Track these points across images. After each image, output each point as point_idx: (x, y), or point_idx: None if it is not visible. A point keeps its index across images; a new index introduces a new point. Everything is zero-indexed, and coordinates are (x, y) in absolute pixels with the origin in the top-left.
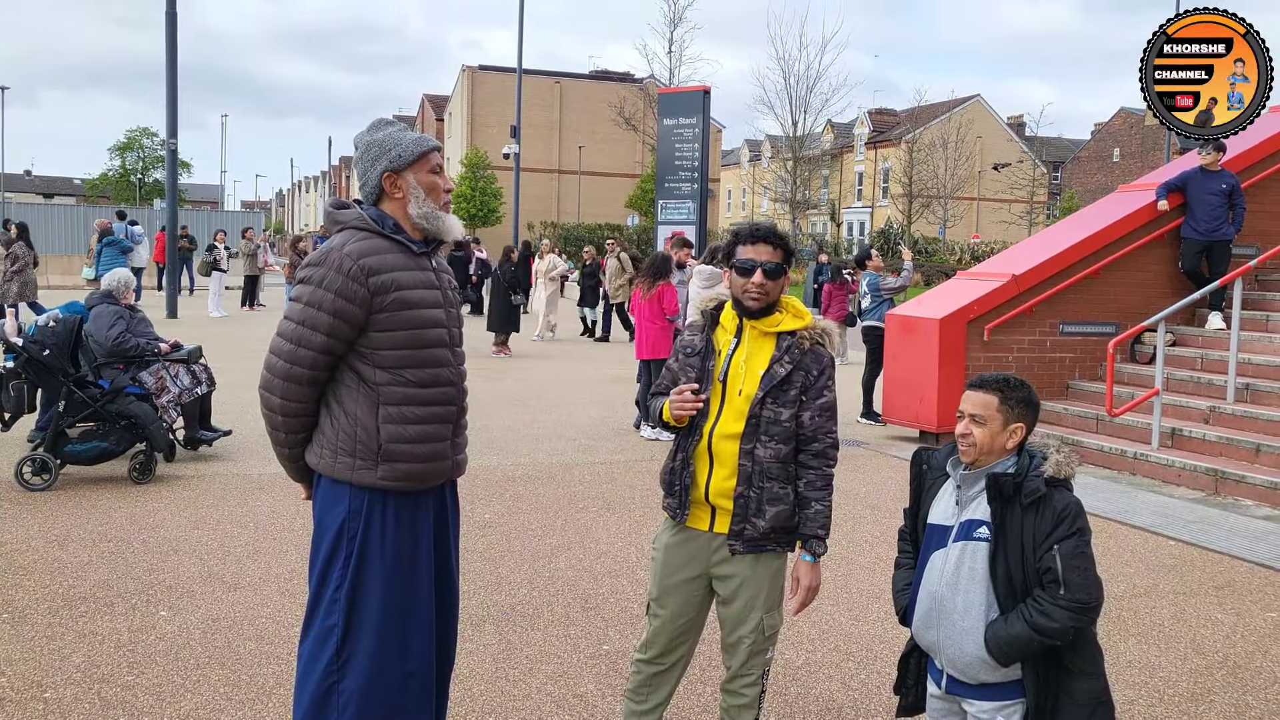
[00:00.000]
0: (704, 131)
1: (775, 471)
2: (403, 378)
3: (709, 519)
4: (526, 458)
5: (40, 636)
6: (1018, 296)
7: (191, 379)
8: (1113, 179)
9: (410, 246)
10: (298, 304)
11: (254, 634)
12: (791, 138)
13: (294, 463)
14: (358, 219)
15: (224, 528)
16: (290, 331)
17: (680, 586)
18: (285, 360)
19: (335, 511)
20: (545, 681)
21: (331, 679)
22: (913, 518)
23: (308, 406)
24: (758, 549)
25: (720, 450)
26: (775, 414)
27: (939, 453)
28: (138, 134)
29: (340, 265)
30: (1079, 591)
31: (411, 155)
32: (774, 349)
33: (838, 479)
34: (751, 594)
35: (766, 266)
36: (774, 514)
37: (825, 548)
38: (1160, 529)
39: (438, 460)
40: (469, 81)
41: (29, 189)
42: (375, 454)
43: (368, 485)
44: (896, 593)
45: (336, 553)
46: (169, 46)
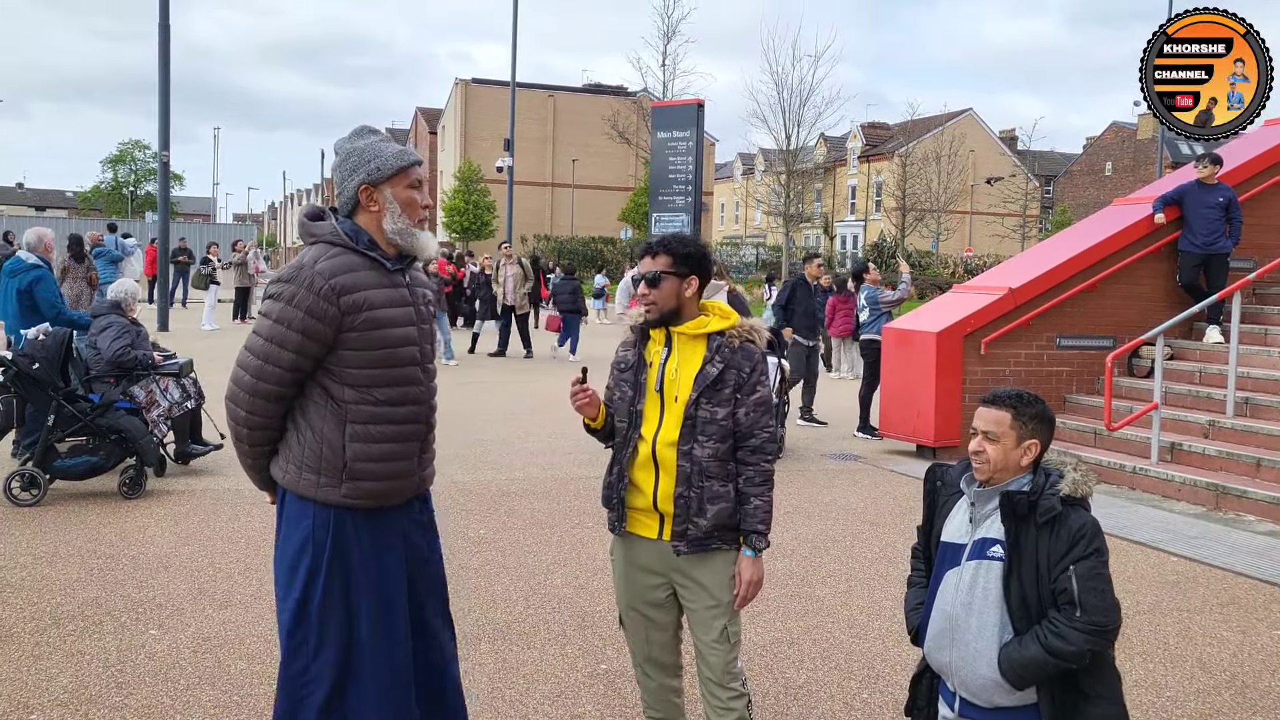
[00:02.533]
0: (698, 145)
1: (714, 470)
2: (371, 396)
3: (658, 526)
4: (521, 472)
5: (27, 656)
6: (1015, 310)
7: (181, 393)
8: (1105, 193)
9: (384, 263)
10: (267, 320)
11: (245, 653)
12: (785, 151)
13: (258, 473)
14: (332, 233)
15: (215, 544)
16: (258, 347)
17: (641, 594)
18: (251, 375)
19: (301, 526)
20: (542, 701)
21: (303, 691)
22: (926, 535)
23: (272, 421)
24: (703, 548)
25: (665, 458)
26: (711, 414)
27: (953, 469)
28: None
29: (311, 283)
30: (1096, 614)
31: (391, 169)
32: (705, 351)
33: (835, 494)
34: (712, 600)
35: (647, 276)
36: (715, 512)
37: (767, 543)
38: (1161, 545)
39: (402, 479)
40: (462, 95)
41: (22, 202)
42: (340, 472)
43: (332, 503)
44: (909, 612)
45: (298, 568)
46: (161, 60)
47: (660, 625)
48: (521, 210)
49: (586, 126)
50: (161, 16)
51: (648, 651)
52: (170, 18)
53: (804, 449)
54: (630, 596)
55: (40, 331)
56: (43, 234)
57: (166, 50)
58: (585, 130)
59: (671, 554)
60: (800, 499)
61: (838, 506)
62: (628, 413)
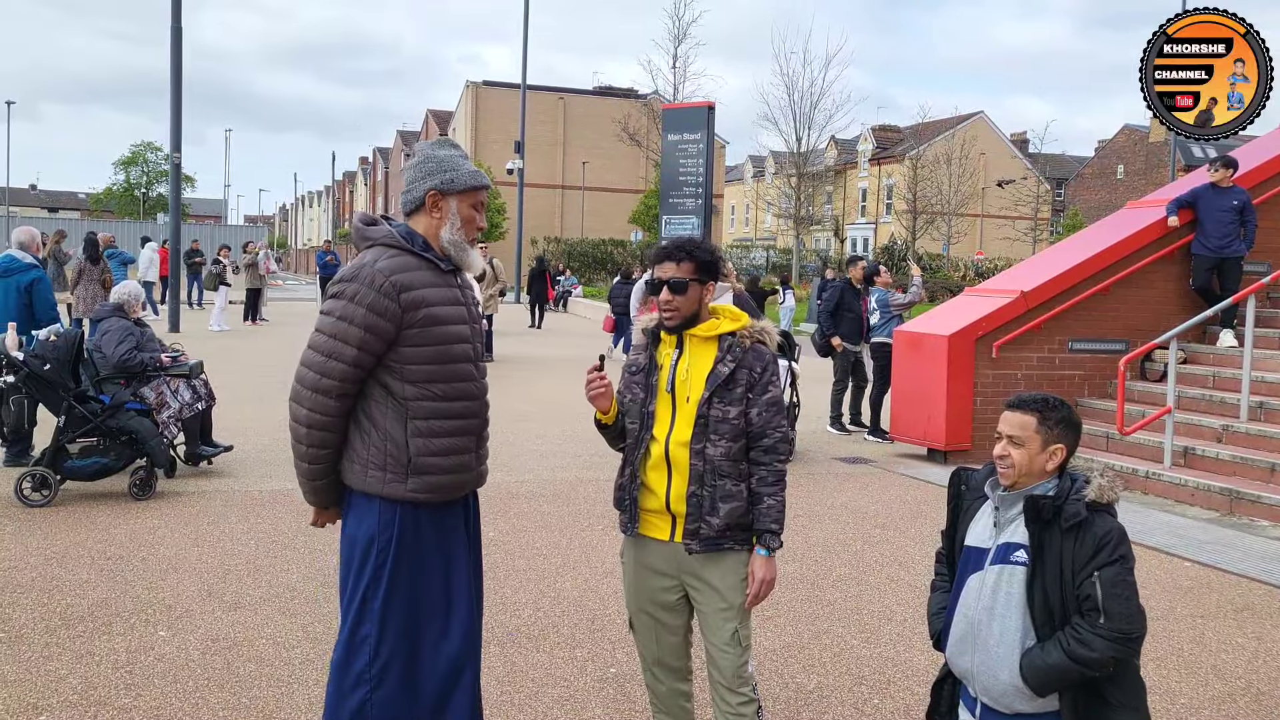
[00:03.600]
0: (708, 147)
1: (727, 469)
2: (430, 392)
3: (670, 528)
4: (531, 474)
5: (37, 656)
6: (1027, 313)
7: (192, 394)
8: (1117, 196)
9: (438, 264)
10: (329, 317)
11: (254, 655)
12: (795, 153)
13: (310, 480)
14: (387, 236)
15: (224, 545)
16: (322, 344)
17: (652, 596)
18: (315, 372)
19: (365, 524)
20: (551, 705)
21: (364, 689)
22: (949, 539)
23: (334, 421)
24: (714, 546)
25: (678, 458)
26: (723, 413)
27: (977, 473)
28: (142, 148)
29: (373, 281)
30: (1120, 621)
31: (463, 185)
32: (716, 351)
33: (846, 497)
34: (724, 603)
35: (670, 282)
36: (727, 511)
37: (780, 542)
38: (1175, 550)
39: (464, 472)
40: (473, 97)
41: (34, 203)
42: (405, 467)
43: (398, 498)
44: (931, 616)
45: (366, 564)
46: (174, 62)
47: (670, 628)
48: (531, 212)
49: (597, 129)
50: (174, 19)
51: (657, 654)
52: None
53: (814, 452)
54: (640, 599)
55: (51, 332)
56: (33, 233)
57: (179, 52)
58: (595, 133)
59: (683, 555)
60: (811, 502)
61: (848, 510)
62: (639, 414)
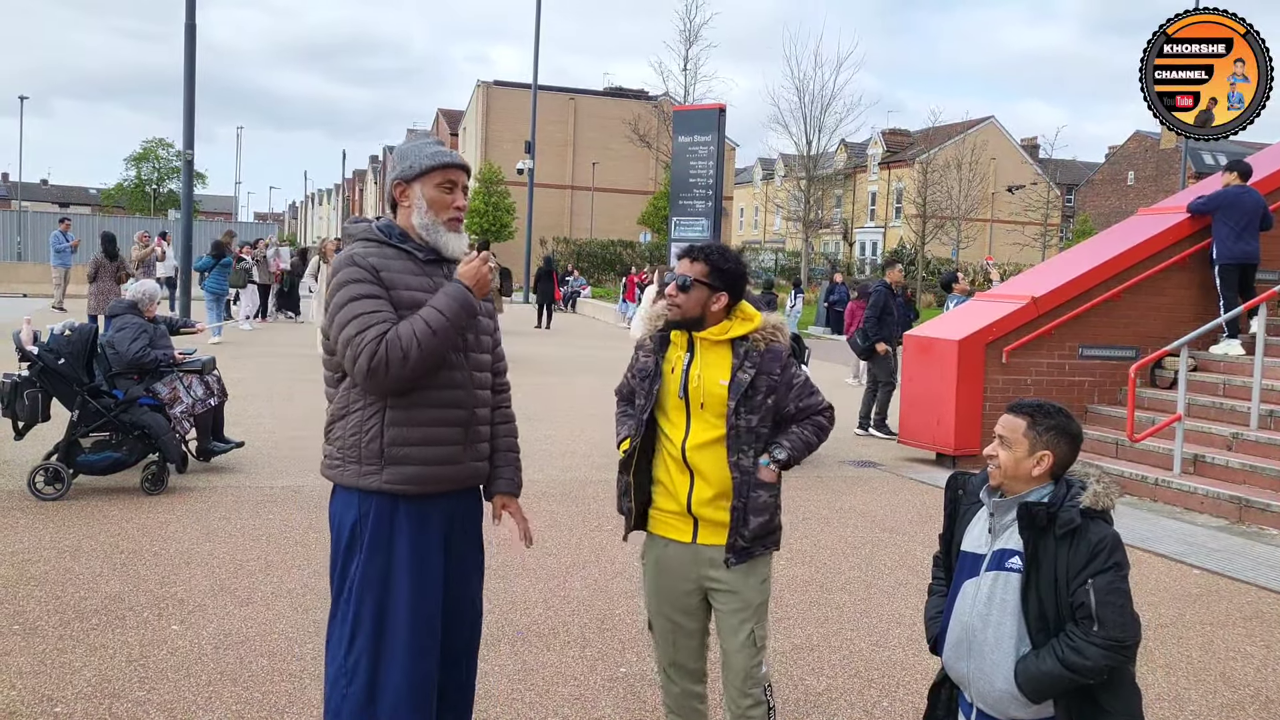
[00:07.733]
0: (719, 149)
1: None
2: None
3: (691, 531)
4: (540, 474)
5: (51, 649)
6: (1037, 319)
7: (205, 390)
8: (1127, 202)
9: (416, 254)
10: (337, 293)
11: (266, 650)
12: (805, 156)
13: (440, 319)
14: (365, 230)
15: (236, 540)
16: (345, 306)
17: (671, 599)
18: (356, 326)
19: (347, 517)
20: (562, 704)
21: (344, 685)
22: (946, 543)
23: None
24: (748, 557)
25: (697, 462)
26: (748, 421)
27: (974, 478)
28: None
29: (352, 259)
30: (1114, 629)
31: (420, 168)
32: (731, 357)
33: (854, 501)
34: (742, 603)
35: (679, 280)
36: (757, 524)
37: (784, 459)
38: (1184, 557)
39: (447, 464)
40: (484, 97)
41: (46, 198)
42: (379, 458)
43: (373, 490)
44: (928, 620)
45: (349, 558)
46: (187, 59)
47: (688, 631)
48: (541, 212)
49: (607, 130)
50: (188, 16)
51: (673, 656)
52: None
53: (823, 455)
54: (660, 601)
55: (66, 327)
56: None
57: (192, 50)
58: (606, 133)
59: (703, 558)
60: (819, 505)
61: (857, 513)
62: (638, 422)
